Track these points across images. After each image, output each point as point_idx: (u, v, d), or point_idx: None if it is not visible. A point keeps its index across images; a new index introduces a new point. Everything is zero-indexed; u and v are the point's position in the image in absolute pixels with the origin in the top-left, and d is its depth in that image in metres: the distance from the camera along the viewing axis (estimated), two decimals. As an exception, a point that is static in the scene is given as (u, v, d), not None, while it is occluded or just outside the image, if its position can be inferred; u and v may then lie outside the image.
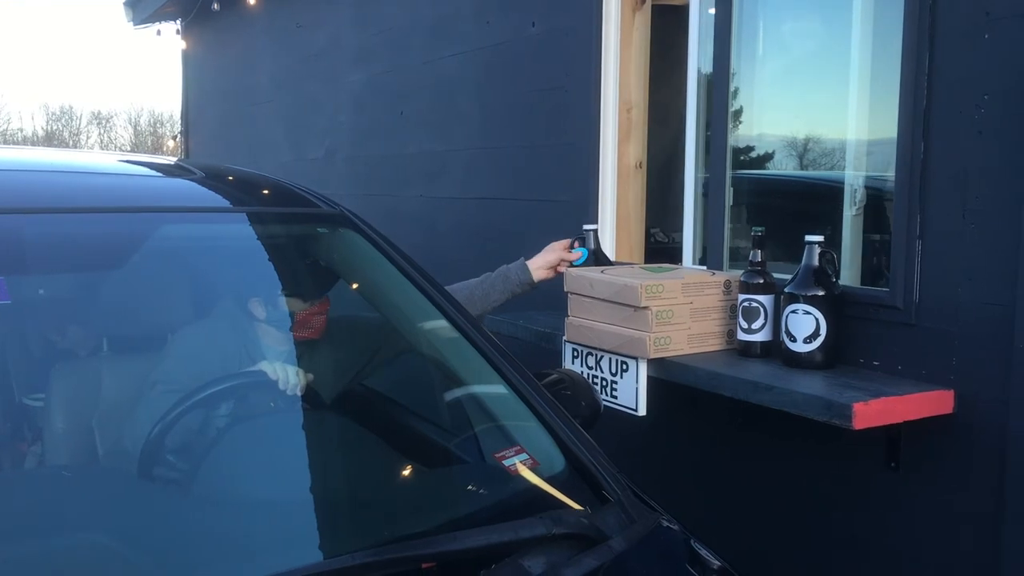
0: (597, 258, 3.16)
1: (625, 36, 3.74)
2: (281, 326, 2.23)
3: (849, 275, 3.00)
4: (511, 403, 2.03)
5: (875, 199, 3.00)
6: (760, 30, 3.27)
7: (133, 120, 38.47)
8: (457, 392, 2.24)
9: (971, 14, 2.42)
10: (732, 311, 2.92)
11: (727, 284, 2.92)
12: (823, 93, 3.29)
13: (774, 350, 2.80)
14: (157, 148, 33.21)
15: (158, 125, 36.35)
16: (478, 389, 2.14)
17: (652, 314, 2.78)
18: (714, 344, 2.92)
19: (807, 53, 3.30)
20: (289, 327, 2.24)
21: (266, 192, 2.42)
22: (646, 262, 3.76)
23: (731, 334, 2.93)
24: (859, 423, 2.33)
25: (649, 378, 2.88)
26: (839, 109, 3.22)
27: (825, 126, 3.31)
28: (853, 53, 3.04)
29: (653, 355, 2.80)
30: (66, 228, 1.97)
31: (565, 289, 3.08)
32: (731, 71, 3.23)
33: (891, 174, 2.69)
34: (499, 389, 2.05)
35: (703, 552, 1.83)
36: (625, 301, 2.82)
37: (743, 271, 2.90)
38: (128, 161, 2.70)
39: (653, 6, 3.78)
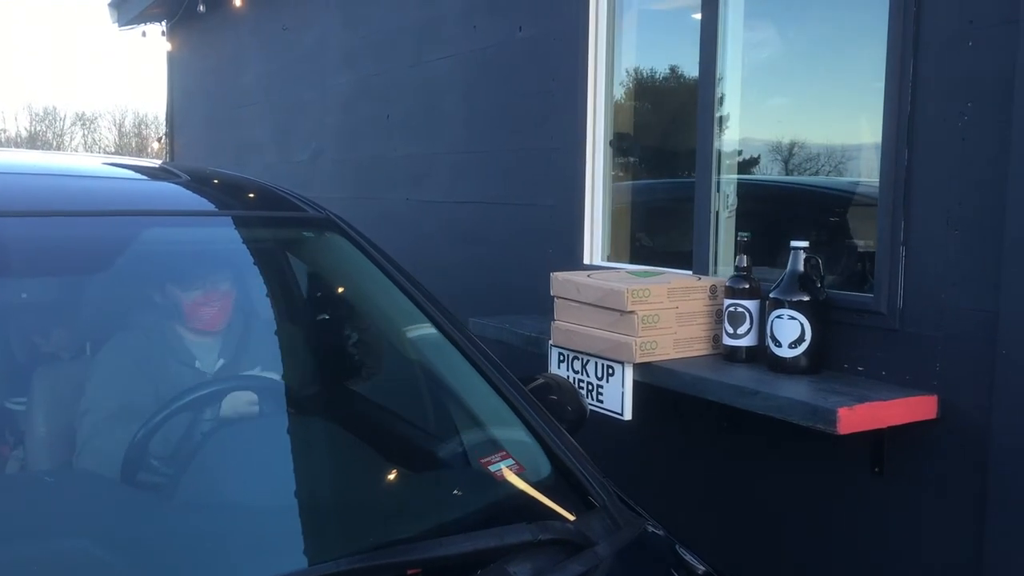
0: None
1: (612, 40, 3.75)
2: (177, 317, 2.19)
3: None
4: (497, 408, 2.02)
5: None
6: (743, 35, 3.28)
7: (117, 121, 38.21)
8: (443, 397, 2.24)
9: (955, 22, 2.43)
10: (718, 316, 2.93)
11: (713, 289, 2.93)
12: (807, 99, 3.30)
13: (759, 355, 2.81)
14: (141, 150, 33.01)
15: (142, 126, 36.13)
16: (464, 394, 2.13)
17: (638, 318, 2.78)
18: (700, 348, 2.93)
19: (790, 58, 3.32)
20: (183, 317, 2.18)
21: (252, 196, 2.42)
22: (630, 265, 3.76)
23: (717, 339, 2.94)
24: (844, 428, 2.35)
25: (635, 383, 2.88)
26: (824, 114, 3.24)
27: (810, 131, 3.33)
28: (838, 60, 3.06)
29: (639, 359, 2.81)
30: (51, 231, 1.96)
31: (552, 293, 3.08)
32: (717, 76, 3.24)
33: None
34: (485, 394, 2.05)
35: (688, 557, 1.84)
36: (611, 305, 2.83)
37: (729, 276, 2.91)
38: (113, 164, 2.69)
39: (639, 10, 3.79)
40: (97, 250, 2.11)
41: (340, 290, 2.54)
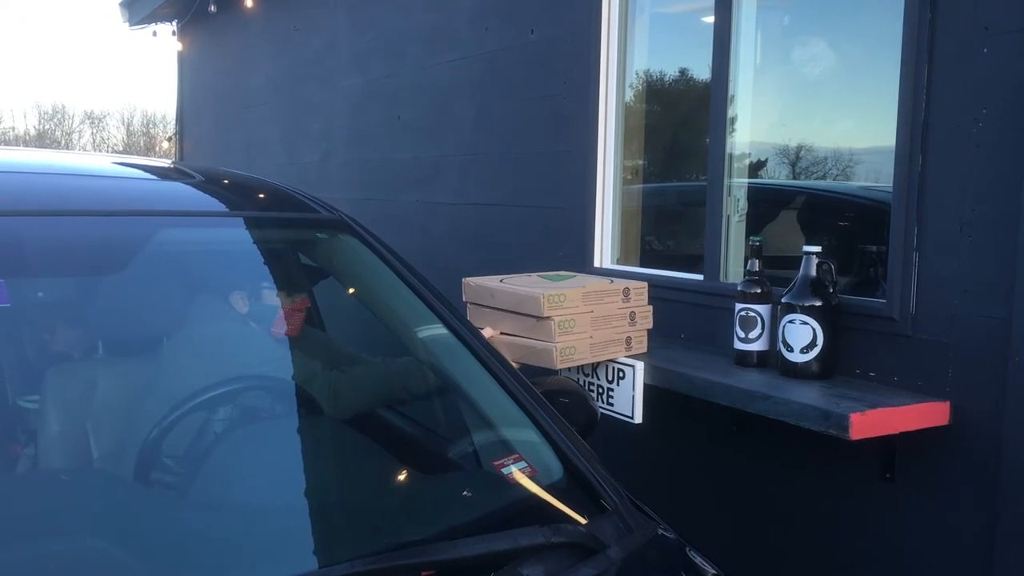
0: None
1: (624, 43, 3.76)
2: (262, 322, 2.23)
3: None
4: (509, 411, 2.03)
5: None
6: (755, 38, 3.28)
7: (126, 120, 38.36)
8: (455, 399, 2.24)
9: (970, 28, 2.43)
10: (631, 318, 2.92)
11: (625, 291, 2.91)
12: (820, 103, 3.30)
13: (771, 359, 2.81)
14: (150, 149, 33.12)
15: (151, 126, 36.27)
16: (476, 396, 2.14)
17: (555, 324, 2.73)
18: (615, 351, 2.91)
19: (803, 62, 3.31)
20: (270, 324, 2.23)
21: (266, 197, 2.42)
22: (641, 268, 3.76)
23: (629, 341, 2.92)
24: (856, 434, 2.34)
25: (645, 386, 2.88)
26: (836, 119, 3.24)
27: (822, 136, 3.33)
28: (851, 63, 3.06)
29: (560, 365, 2.75)
30: (65, 231, 1.96)
31: (464, 299, 2.99)
32: (729, 79, 3.24)
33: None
34: (497, 396, 2.05)
35: (698, 560, 1.84)
36: (527, 311, 2.76)
37: (741, 280, 2.90)
38: (127, 164, 2.69)
39: (651, 14, 3.79)
40: (110, 250, 2.11)
41: (352, 291, 2.54)
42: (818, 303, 2.64)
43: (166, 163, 2.76)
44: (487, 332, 2.79)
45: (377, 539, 1.70)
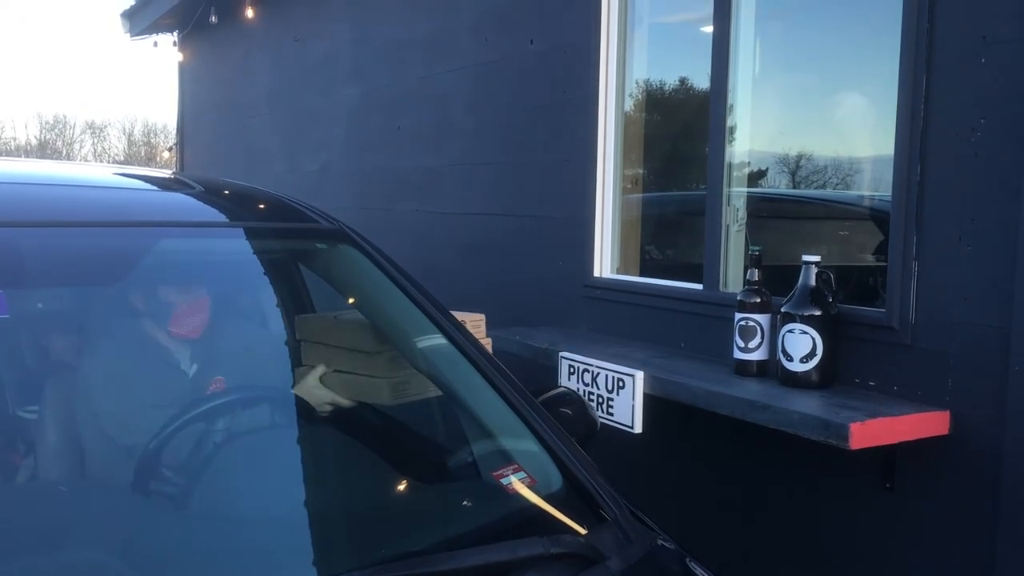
0: None
1: (623, 54, 3.77)
2: (161, 321, 2.19)
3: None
4: (509, 421, 2.02)
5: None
6: (754, 48, 3.29)
7: (127, 131, 38.42)
8: (455, 409, 2.24)
9: (968, 38, 2.44)
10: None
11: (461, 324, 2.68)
12: (818, 112, 3.31)
13: (771, 369, 2.81)
14: (150, 159, 33.15)
15: (152, 135, 36.29)
16: (476, 406, 2.13)
17: (386, 358, 2.34)
18: None
19: (802, 72, 3.32)
20: (166, 323, 2.19)
21: (265, 207, 2.42)
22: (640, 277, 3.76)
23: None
24: (856, 443, 2.34)
25: (645, 395, 2.88)
26: (835, 128, 3.24)
27: (821, 145, 3.34)
28: (849, 73, 3.06)
29: (392, 401, 2.33)
30: (65, 242, 1.96)
31: (297, 336, 2.56)
32: (728, 89, 3.24)
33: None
34: (497, 406, 2.05)
35: (699, 571, 1.83)
36: (360, 347, 2.39)
37: (740, 290, 2.90)
38: (127, 175, 2.70)
39: (650, 24, 3.80)
40: (110, 261, 2.11)
41: (352, 301, 2.54)
42: (817, 312, 2.64)
43: (167, 173, 2.76)
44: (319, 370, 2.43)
45: (376, 550, 1.70)
